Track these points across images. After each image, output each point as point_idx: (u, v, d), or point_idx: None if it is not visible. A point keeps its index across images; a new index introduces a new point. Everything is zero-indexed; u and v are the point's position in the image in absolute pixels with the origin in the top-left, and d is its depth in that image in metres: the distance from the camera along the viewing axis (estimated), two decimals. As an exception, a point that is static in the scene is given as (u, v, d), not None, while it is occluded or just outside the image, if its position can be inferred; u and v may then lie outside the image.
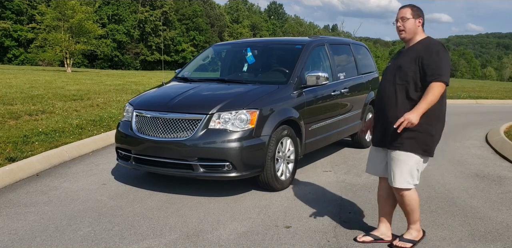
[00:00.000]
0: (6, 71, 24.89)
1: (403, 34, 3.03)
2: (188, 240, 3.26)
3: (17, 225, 3.51)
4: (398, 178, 3.00)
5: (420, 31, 3.04)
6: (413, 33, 3.02)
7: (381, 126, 3.07)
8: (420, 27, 3.03)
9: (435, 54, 2.86)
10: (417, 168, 3.01)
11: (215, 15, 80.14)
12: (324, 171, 5.33)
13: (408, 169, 2.98)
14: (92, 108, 9.34)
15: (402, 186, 3.01)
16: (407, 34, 3.02)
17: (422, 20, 3.02)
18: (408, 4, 3.06)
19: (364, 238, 3.26)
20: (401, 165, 2.98)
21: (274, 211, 3.89)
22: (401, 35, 3.05)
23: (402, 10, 3.02)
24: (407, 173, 2.99)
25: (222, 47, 6.62)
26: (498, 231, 3.48)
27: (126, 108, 4.83)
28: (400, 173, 2.99)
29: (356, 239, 3.27)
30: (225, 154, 4.07)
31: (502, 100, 16.70)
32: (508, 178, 5.14)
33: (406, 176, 2.99)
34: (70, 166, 5.38)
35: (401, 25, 3.01)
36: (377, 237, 3.26)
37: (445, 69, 2.85)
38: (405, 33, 3.02)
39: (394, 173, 3.01)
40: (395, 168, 3.00)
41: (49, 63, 48.91)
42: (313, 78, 4.89)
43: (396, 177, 3.00)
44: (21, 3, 56.23)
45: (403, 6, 3.06)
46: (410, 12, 3.00)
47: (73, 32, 33.69)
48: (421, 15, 3.03)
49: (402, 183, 3.00)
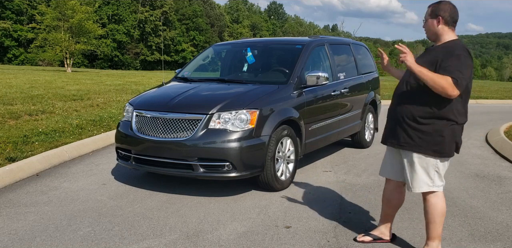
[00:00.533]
0: (6, 71, 24.90)
1: (426, 35, 2.91)
2: (188, 240, 3.26)
3: (17, 225, 3.51)
4: (414, 182, 2.89)
5: (444, 31, 2.82)
6: (434, 33, 2.85)
7: (392, 123, 2.96)
8: (442, 26, 2.81)
9: (455, 58, 2.68)
10: (435, 169, 2.86)
11: (215, 15, 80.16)
12: (324, 171, 5.33)
13: (423, 172, 2.86)
14: (92, 108, 9.34)
15: (422, 190, 2.89)
16: (428, 35, 2.90)
17: (443, 19, 2.79)
18: (434, 2, 2.87)
19: (363, 238, 3.25)
20: (416, 168, 2.87)
21: (274, 211, 3.89)
22: (426, 36, 2.94)
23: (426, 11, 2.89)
24: (425, 176, 2.86)
25: (222, 47, 6.62)
26: (498, 231, 3.48)
27: (126, 108, 4.83)
28: (417, 177, 2.87)
29: (355, 239, 3.26)
30: (225, 154, 4.07)
31: (502, 100, 16.71)
32: (508, 178, 5.14)
33: (424, 179, 2.87)
34: (70, 166, 5.38)
35: (424, 26, 2.91)
36: (376, 237, 3.24)
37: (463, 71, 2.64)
38: (426, 34, 2.90)
39: (409, 177, 2.91)
40: (410, 171, 2.90)
41: (49, 63, 48.93)
42: (313, 78, 4.89)
43: (413, 181, 2.89)
44: (21, 3, 56.25)
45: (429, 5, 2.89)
46: (428, 13, 2.85)
47: (73, 32, 33.71)
48: (441, 14, 2.79)
49: (421, 187, 2.88)
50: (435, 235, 2.94)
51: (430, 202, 2.91)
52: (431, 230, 2.94)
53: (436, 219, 2.90)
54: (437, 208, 2.89)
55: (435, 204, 2.89)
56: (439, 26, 2.82)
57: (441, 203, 2.91)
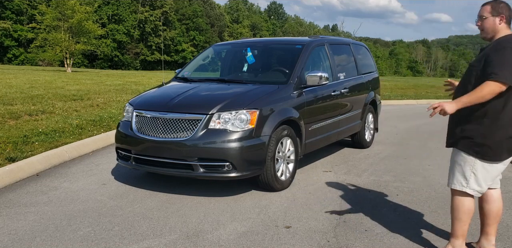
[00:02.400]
0: (6, 71, 24.89)
1: (482, 33, 2.87)
2: (188, 240, 3.26)
3: (17, 225, 3.51)
4: (450, 178, 2.93)
5: (502, 29, 2.81)
6: (492, 32, 2.82)
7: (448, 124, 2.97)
8: (504, 25, 2.79)
9: (500, 51, 2.66)
10: (472, 170, 2.82)
11: (215, 15, 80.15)
12: (324, 171, 5.33)
13: (460, 169, 2.87)
14: (92, 108, 9.34)
15: (454, 187, 2.90)
16: (485, 34, 2.85)
17: (506, 17, 2.78)
18: (490, 1, 2.84)
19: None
20: (454, 164, 2.91)
21: (274, 211, 3.89)
22: (481, 35, 2.89)
23: (482, 8, 2.84)
24: (460, 174, 2.86)
25: (222, 47, 6.62)
26: (498, 231, 3.47)
27: (126, 108, 4.83)
28: (452, 173, 2.92)
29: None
30: (225, 154, 4.07)
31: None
32: (508, 178, 5.14)
33: (458, 177, 2.87)
34: (70, 166, 5.38)
35: (480, 24, 2.85)
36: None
37: (507, 68, 2.61)
38: (484, 33, 2.86)
39: (449, 172, 2.96)
40: (451, 166, 2.95)
41: (49, 63, 48.92)
42: (313, 78, 4.89)
43: (449, 176, 2.94)
44: (21, 3, 56.24)
45: (484, 3, 2.84)
46: (488, 10, 2.80)
47: (73, 32, 33.72)
48: (503, 12, 2.78)
49: (455, 184, 2.89)
50: (460, 234, 2.93)
51: (458, 199, 2.91)
52: (455, 228, 2.94)
53: (462, 216, 2.89)
54: (464, 205, 2.88)
55: (463, 201, 2.89)
56: (501, 24, 2.80)
57: (470, 202, 2.90)
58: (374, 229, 3.49)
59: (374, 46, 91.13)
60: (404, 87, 21.95)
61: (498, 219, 3.02)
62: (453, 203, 2.93)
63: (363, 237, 3.34)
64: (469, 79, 2.84)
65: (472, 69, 2.84)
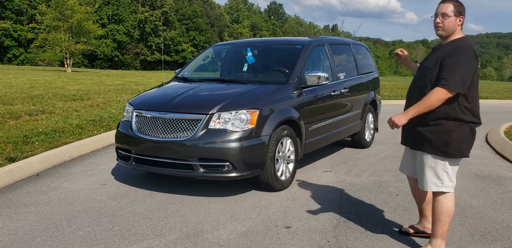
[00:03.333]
0: (6, 71, 24.90)
1: (440, 30, 2.86)
2: (188, 240, 3.26)
3: (17, 225, 3.51)
4: (424, 181, 2.95)
5: (459, 30, 2.86)
6: (452, 31, 2.85)
7: (405, 126, 2.97)
8: (460, 26, 2.85)
9: (455, 57, 2.71)
10: (443, 170, 2.87)
11: (215, 15, 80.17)
12: (324, 171, 5.33)
13: (432, 171, 2.90)
14: (92, 108, 9.34)
15: (430, 189, 2.93)
16: (444, 32, 2.86)
17: (463, 19, 2.84)
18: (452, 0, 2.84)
19: (409, 228, 3.34)
20: (425, 167, 2.93)
21: (274, 211, 3.89)
22: (438, 32, 2.87)
23: (444, 5, 2.82)
24: (433, 176, 2.90)
25: (222, 47, 6.62)
26: (498, 231, 3.48)
27: (126, 108, 4.83)
28: (425, 176, 2.93)
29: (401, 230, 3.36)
30: (225, 154, 4.07)
31: (502, 100, 16.71)
32: (508, 178, 5.14)
33: (432, 179, 2.90)
34: (70, 166, 5.38)
35: (440, 21, 2.83)
36: (419, 230, 3.31)
37: (457, 75, 2.67)
38: (442, 30, 2.85)
39: (420, 176, 2.98)
40: (420, 170, 2.98)
41: (49, 63, 48.97)
42: (313, 78, 4.89)
43: (424, 180, 2.95)
44: (21, 3, 56.26)
45: (445, 1, 2.83)
46: (452, 9, 2.80)
47: (73, 32, 33.74)
48: (463, 13, 2.83)
49: (430, 186, 2.92)
50: (439, 234, 2.96)
51: (438, 201, 2.94)
52: (435, 228, 2.96)
53: (442, 218, 2.92)
54: (444, 207, 2.91)
55: (442, 203, 2.92)
56: (459, 25, 2.85)
57: (449, 203, 2.92)
58: (374, 229, 3.49)
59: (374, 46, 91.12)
60: (404, 87, 21.94)
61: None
62: (434, 205, 2.96)
63: (363, 237, 3.34)
64: (424, 82, 2.86)
65: (426, 72, 2.86)
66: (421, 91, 2.88)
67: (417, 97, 2.88)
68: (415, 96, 2.91)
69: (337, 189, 4.58)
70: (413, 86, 3.01)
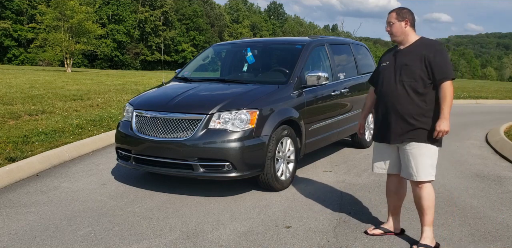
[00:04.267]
0: (6, 71, 24.90)
1: (392, 37, 3.19)
2: (188, 240, 3.26)
3: (17, 225, 3.51)
4: (421, 171, 3.07)
5: (410, 32, 3.15)
6: (402, 35, 3.14)
7: (396, 124, 3.10)
8: (409, 28, 3.14)
9: (439, 53, 3.02)
10: (435, 158, 3.11)
11: (215, 15, 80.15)
12: (324, 171, 5.33)
13: (429, 161, 3.07)
14: (92, 108, 9.34)
15: (426, 179, 3.08)
16: (396, 37, 3.17)
17: (410, 21, 3.13)
18: (395, 8, 3.20)
19: (374, 231, 3.37)
20: (423, 157, 3.06)
21: (274, 211, 3.89)
22: (392, 38, 3.21)
23: (389, 15, 3.19)
24: (429, 165, 3.08)
25: (222, 47, 6.62)
26: (498, 231, 3.48)
27: (126, 108, 4.83)
28: (422, 166, 3.06)
29: (366, 232, 3.38)
30: (225, 154, 4.07)
31: (502, 100, 16.70)
32: (508, 178, 5.14)
33: (428, 168, 3.07)
34: (70, 166, 5.38)
35: (389, 29, 3.17)
36: (387, 230, 3.37)
37: (450, 67, 3.06)
38: (394, 36, 3.18)
39: (416, 167, 3.08)
40: (416, 162, 3.07)
41: (49, 63, 48.96)
42: (313, 78, 4.89)
43: (419, 170, 3.07)
44: (21, 3, 56.24)
45: (390, 11, 3.21)
46: (394, 17, 3.14)
47: (73, 32, 33.72)
48: (407, 17, 3.12)
49: (426, 175, 3.07)
50: (431, 221, 3.15)
51: (426, 189, 3.11)
52: (427, 217, 3.14)
53: (431, 204, 3.13)
54: (431, 194, 3.13)
55: (429, 191, 3.13)
56: (407, 27, 3.13)
57: (432, 190, 3.16)
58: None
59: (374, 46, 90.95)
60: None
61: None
62: (422, 194, 3.12)
63: (363, 237, 3.34)
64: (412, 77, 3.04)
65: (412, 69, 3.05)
66: (409, 86, 3.05)
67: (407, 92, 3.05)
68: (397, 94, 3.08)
69: (337, 189, 4.58)
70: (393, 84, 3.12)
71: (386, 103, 3.16)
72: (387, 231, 3.38)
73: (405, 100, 3.06)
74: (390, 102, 3.12)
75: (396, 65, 3.14)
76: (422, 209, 3.14)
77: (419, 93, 3.04)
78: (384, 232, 3.37)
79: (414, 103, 3.04)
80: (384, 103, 3.18)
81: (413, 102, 3.04)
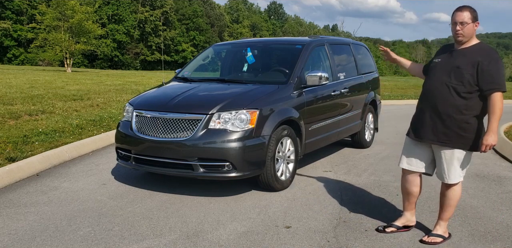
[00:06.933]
0: (6, 71, 24.90)
1: (460, 37, 3.05)
2: (188, 240, 3.26)
3: (17, 225, 3.51)
4: (453, 174, 3.16)
5: (475, 34, 3.08)
6: (470, 36, 3.06)
7: (432, 121, 3.13)
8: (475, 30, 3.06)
9: (494, 62, 2.96)
10: (468, 162, 3.20)
11: (215, 15, 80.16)
12: (324, 171, 5.33)
13: (460, 165, 3.15)
14: (92, 108, 9.34)
15: (457, 181, 3.19)
16: (465, 38, 3.05)
17: (478, 24, 3.05)
18: (466, 7, 3.04)
19: (391, 228, 3.41)
20: (457, 162, 3.14)
21: (274, 211, 3.89)
22: (458, 38, 3.06)
23: (462, 14, 3.00)
24: (460, 169, 3.16)
25: (222, 47, 6.62)
26: (498, 231, 3.49)
27: (126, 108, 4.83)
28: (455, 170, 3.15)
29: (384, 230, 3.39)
30: (225, 154, 4.07)
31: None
32: (508, 178, 5.14)
33: (459, 172, 3.17)
34: (70, 166, 5.38)
35: (460, 29, 3.02)
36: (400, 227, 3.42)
37: (503, 78, 2.99)
38: (463, 37, 3.05)
39: (449, 170, 3.16)
40: (450, 165, 3.15)
41: (49, 63, 48.96)
42: (313, 78, 4.88)
43: (451, 174, 3.16)
44: (21, 3, 56.24)
45: (461, 9, 3.03)
46: (469, 17, 3.00)
47: (73, 32, 33.73)
48: (477, 18, 3.03)
49: (457, 178, 3.18)
50: (448, 217, 3.30)
51: (454, 190, 3.22)
52: (447, 213, 3.28)
53: (454, 203, 3.26)
54: (458, 194, 3.25)
55: (457, 191, 3.24)
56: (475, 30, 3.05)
57: (460, 189, 3.27)
58: (374, 229, 3.49)
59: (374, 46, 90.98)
60: (404, 87, 21.94)
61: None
62: (450, 194, 3.24)
63: (363, 237, 3.34)
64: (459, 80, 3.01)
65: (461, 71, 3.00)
66: (454, 88, 3.03)
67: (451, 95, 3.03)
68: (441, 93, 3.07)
69: (337, 189, 4.58)
70: (440, 83, 3.10)
71: (428, 100, 3.16)
72: (401, 227, 3.43)
73: (446, 101, 3.05)
74: (432, 101, 3.13)
75: (448, 65, 3.10)
76: (444, 206, 3.27)
77: (462, 97, 3.01)
78: (397, 229, 3.42)
79: (455, 107, 3.02)
80: (426, 99, 3.19)
81: (455, 106, 3.02)
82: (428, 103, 3.16)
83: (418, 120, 3.25)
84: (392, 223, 3.47)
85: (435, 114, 3.11)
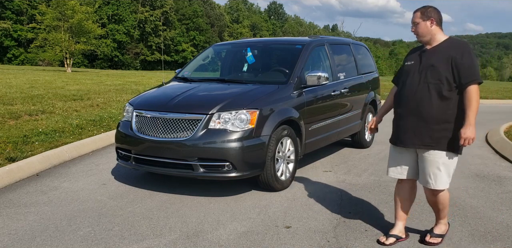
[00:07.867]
0: (6, 71, 24.90)
1: (418, 37, 3.08)
2: (188, 240, 3.26)
3: (17, 225, 3.51)
4: (439, 180, 3.03)
5: (437, 31, 3.02)
6: (428, 34, 3.02)
7: (415, 125, 3.01)
8: (436, 27, 3.01)
9: (467, 55, 2.91)
10: (453, 167, 3.07)
11: (215, 15, 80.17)
12: (324, 171, 5.33)
13: (446, 170, 3.02)
14: (92, 108, 9.34)
15: (443, 188, 3.07)
16: (422, 37, 3.05)
17: (436, 20, 3.00)
18: (421, 7, 3.07)
19: (390, 240, 3.22)
20: (442, 166, 3.01)
21: (274, 211, 3.89)
22: (418, 39, 3.08)
23: (413, 15, 3.06)
24: (445, 174, 3.03)
25: (222, 47, 6.62)
26: (498, 231, 3.48)
27: (126, 108, 4.83)
28: (441, 175, 3.02)
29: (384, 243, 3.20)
30: (225, 154, 4.07)
31: (502, 100, 16.69)
32: (508, 178, 5.14)
33: (446, 178, 3.04)
34: (70, 166, 5.38)
35: (413, 29, 3.06)
36: (398, 237, 3.27)
37: (477, 70, 2.95)
38: (419, 37, 3.06)
39: (434, 175, 3.03)
40: (434, 170, 3.02)
41: (49, 63, 48.96)
42: (313, 78, 4.88)
43: (437, 179, 3.03)
44: (21, 3, 56.25)
45: (415, 10, 3.07)
46: (419, 16, 3.02)
47: (73, 32, 33.73)
48: (432, 15, 3.00)
49: (444, 184, 3.06)
50: (446, 214, 3.28)
51: (442, 196, 3.13)
52: (442, 214, 3.24)
53: (446, 204, 3.19)
54: (447, 195, 3.17)
55: (445, 196, 3.15)
56: (433, 27, 3.01)
57: (447, 193, 3.18)
58: (374, 229, 3.49)
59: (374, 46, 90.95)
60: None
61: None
62: (438, 200, 3.15)
63: (363, 237, 3.34)
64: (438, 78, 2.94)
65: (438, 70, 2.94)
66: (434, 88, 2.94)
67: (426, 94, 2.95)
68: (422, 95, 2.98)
69: (337, 189, 4.58)
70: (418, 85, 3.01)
71: (407, 105, 3.04)
72: (398, 238, 3.25)
73: (428, 102, 2.94)
74: (412, 104, 3.01)
75: (421, 66, 3.02)
76: (437, 209, 3.23)
77: (443, 96, 2.92)
78: (396, 239, 3.23)
79: (437, 107, 2.93)
80: (405, 104, 3.06)
81: (436, 106, 2.93)
82: (408, 107, 3.04)
83: (399, 126, 3.11)
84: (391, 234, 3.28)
85: (417, 118, 2.98)
